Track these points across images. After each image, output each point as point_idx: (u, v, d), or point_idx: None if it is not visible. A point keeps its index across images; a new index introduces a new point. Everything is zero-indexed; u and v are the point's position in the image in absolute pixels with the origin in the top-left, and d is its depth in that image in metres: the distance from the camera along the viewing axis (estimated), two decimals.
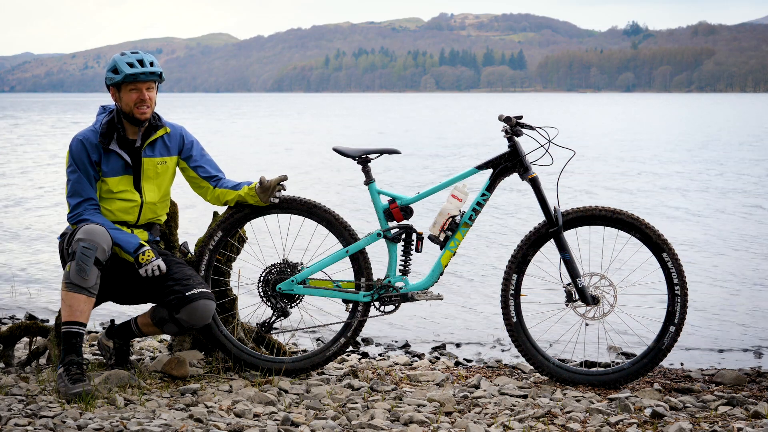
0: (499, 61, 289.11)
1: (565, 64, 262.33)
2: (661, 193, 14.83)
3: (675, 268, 4.30)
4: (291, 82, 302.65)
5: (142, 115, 4.19)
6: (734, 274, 8.23)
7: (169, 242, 4.60)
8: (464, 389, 4.35)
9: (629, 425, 3.74)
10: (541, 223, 4.39)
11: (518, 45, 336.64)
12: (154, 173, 4.29)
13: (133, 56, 4.18)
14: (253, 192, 4.33)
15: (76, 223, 4.15)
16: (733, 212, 12.48)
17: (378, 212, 4.46)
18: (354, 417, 3.81)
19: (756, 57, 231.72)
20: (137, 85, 4.16)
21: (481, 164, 4.44)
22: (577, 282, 4.35)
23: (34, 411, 3.67)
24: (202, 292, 4.13)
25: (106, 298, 4.29)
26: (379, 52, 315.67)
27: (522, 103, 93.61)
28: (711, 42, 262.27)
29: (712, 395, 4.28)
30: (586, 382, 4.39)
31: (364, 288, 4.45)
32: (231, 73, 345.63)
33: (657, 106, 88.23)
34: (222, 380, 4.35)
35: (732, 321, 6.61)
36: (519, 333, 4.42)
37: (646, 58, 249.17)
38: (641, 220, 4.34)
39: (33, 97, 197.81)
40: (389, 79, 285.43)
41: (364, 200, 12.92)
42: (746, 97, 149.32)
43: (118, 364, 4.41)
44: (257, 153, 23.95)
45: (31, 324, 4.69)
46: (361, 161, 4.47)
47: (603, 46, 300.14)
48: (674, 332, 4.33)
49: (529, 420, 3.80)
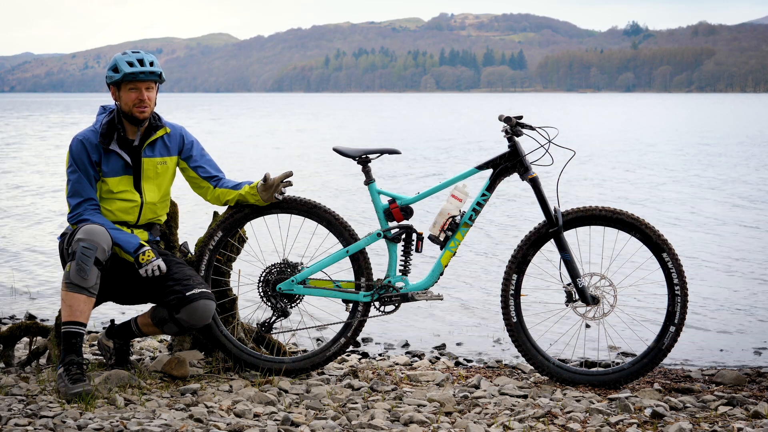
0: (499, 61, 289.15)
1: (565, 64, 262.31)
2: (661, 192, 14.83)
3: (675, 268, 4.30)
4: (291, 82, 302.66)
5: (141, 115, 4.19)
6: (734, 274, 8.23)
7: (169, 242, 4.60)
8: (464, 389, 4.35)
9: (629, 425, 3.74)
10: (541, 223, 4.39)
11: (518, 45, 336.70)
12: (154, 173, 4.29)
13: (133, 56, 4.19)
14: (254, 191, 4.33)
15: (76, 223, 4.15)
16: (733, 212, 12.49)
17: (378, 212, 4.46)
18: (354, 417, 3.81)
19: (756, 57, 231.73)
20: (136, 84, 4.17)
21: (481, 164, 4.44)
22: (577, 282, 4.35)
23: (34, 411, 3.67)
24: (202, 292, 4.13)
25: (106, 298, 4.29)
26: (379, 52, 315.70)
27: (522, 103, 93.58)
28: (711, 42, 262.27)
29: (712, 395, 4.28)
30: (586, 382, 4.39)
31: (364, 288, 4.45)
32: (231, 73, 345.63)
33: (657, 106, 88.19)
34: (222, 380, 4.35)
35: (732, 321, 6.60)
36: (519, 333, 4.42)
37: (646, 58, 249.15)
38: (641, 220, 4.34)
39: (33, 97, 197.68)
40: (389, 79, 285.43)
41: (364, 200, 12.92)
42: (746, 97, 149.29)
43: (118, 364, 4.41)
44: (256, 153, 23.94)
45: (31, 324, 4.69)
46: (361, 161, 4.47)
47: (603, 46, 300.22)
48: (674, 332, 4.33)
49: (529, 420, 3.80)
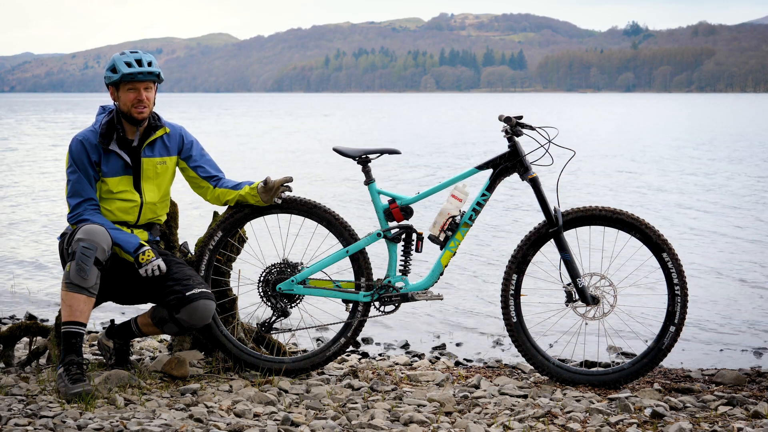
0: (499, 61, 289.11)
1: (565, 64, 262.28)
2: (661, 192, 14.83)
3: (675, 268, 4.30)
4: (291, 82, 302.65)
5: (140, 115, 4.19)
6: (735, 274, 8.23)
7: (169, 242, 4.60)
8: (464, 389, 4.35)
9: (629, 425, 3.74)
10: (541, 223, 4.39)
11: (518, 45, 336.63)
12: (153, 173, 4.29)
13: (131, 56, 4.19)
14: (254, 192, 4.33)
15: (76, 223, 4.14)
16: (733, 212, 12.48)
17: (378, 212, 4.46)
18: (354, 417, 3.81)
19: (756, 57, 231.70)
20: (135, 84, 4.16)
21: (481, 164, 4.44)
22: (577, 282, 4.34)
23: (34, 411, 3.67)
24: (202, 292, 4.12)
25: (106, 298, 4.29)
26: (379, 52, 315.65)
27: (522, 103, 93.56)
28: (711, 42, 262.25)
29: (712, 395, 4.28)
30: (586, 382, 4.38)
31: (364, 288, 4.45)
32: (231, 73, 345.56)
33: (657, 106, 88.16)
34: (222, 380, 4.35)
35: (732, 321, 6.61)
36: (519, 333, 4.41)
37: (646, 58, 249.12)
38: (641, 220, 4.34)
39: (32, 97, 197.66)
40: (389, 79, 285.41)
41: (364, 200, 12.92)
42: (746, 97, 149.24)
43: (118, 364, 4.41)
44: (256, 153, 23.94)
45: (31, 324, 4.69)
46: (361, 161, 4.47)
47: (603, 46, 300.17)
48: (674, 332, 4.33)
49: (529, 420, 3.80)
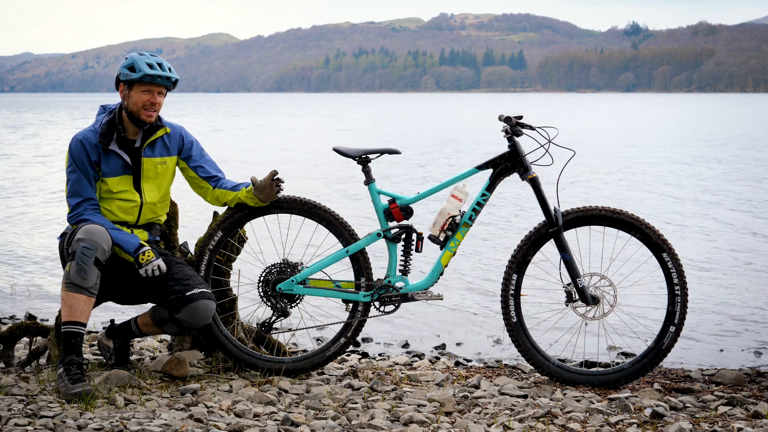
0: (499, 61, 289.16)
1: (565, 64, 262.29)
2: (661, 192, 14.82)
3: (675, 268, 4.30)
4: (291, 82, 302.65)
5: (149, 118, 4.19)
6: (734, 274, 8.22)
7: (169, 242, 4.60)
8: (464, 389, 4.35)
9: (629, 425, 3.74)
10: (541, 223, 4.39)
11: (518, 45, 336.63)
12: (153, 173, 4.29)
13: (152, 58, 4.18)
14: (252, 194, 4.33)
15: (76, 223, 4.14)
16: (734, 212, 12.49)
17: (378, 212, 4.46)
18: (354, 417, 3.81)
19: (756, 57, 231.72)
20: (151, 87, 4.16)
21: (481, 164, 4.44)
22: (577, 282, 4.34)
23: (34, 411, 3.67)
24: (202, 292, 4.12)
25: (106, 298, 4.29)
26: (379, 52, 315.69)
27: (522, 103, 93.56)
28: (711, 42, 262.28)
29: (712, 395, 4.28)
30: (586, 382, 4.38)
31: (364, 288, 4.45)
32: (231, 73, 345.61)
33: (657, 106, 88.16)
34: (222, 380, 4.35)
35: (732, 321, 6.60)
36: (519, 333, 4.41)
37: (646, 58, 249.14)
38: (641, 220, 4.34)
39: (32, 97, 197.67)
40: (389, 79, 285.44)
41: (364, 200, 12.91)
42: (746, 97, 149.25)
43: (118, 364, 4.41)
44: (255, 153, 23.94)
45: (31, 324, 4.69)
46: (361, 161, 4.47)
47: (603, 46, 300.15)
48: (674, 332, 4.33)
49: (529, 420, 3.80)
